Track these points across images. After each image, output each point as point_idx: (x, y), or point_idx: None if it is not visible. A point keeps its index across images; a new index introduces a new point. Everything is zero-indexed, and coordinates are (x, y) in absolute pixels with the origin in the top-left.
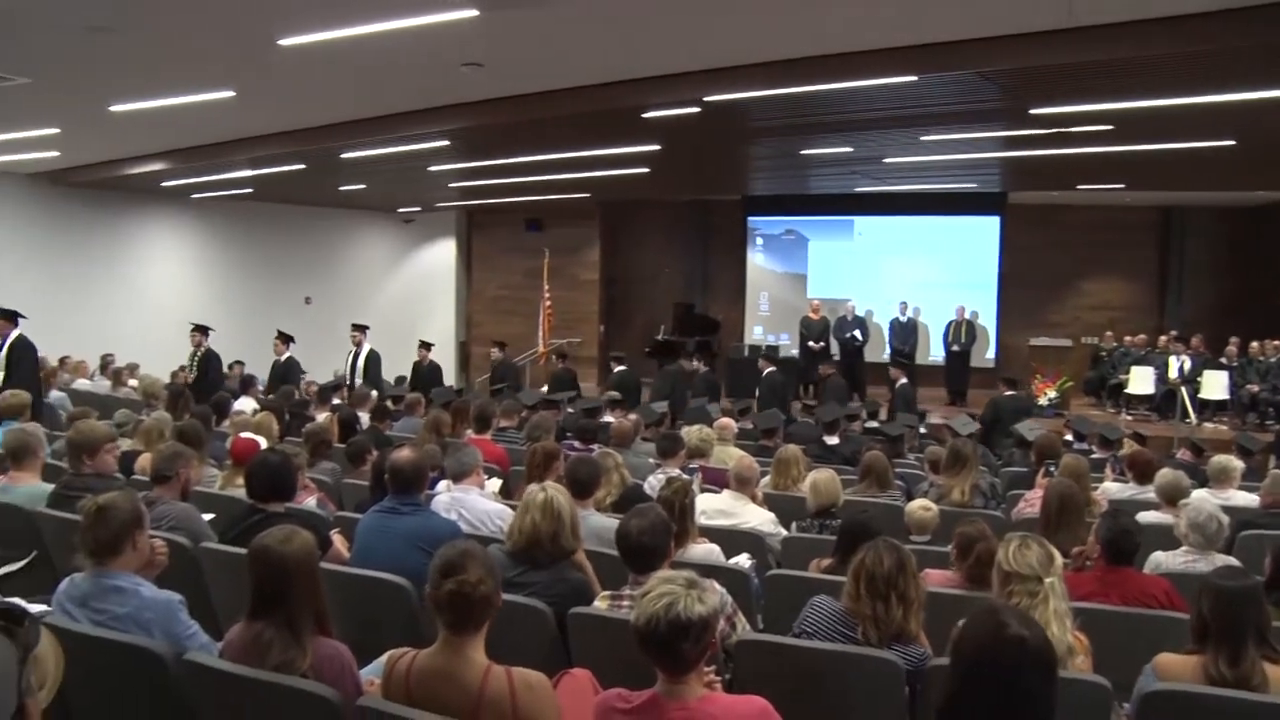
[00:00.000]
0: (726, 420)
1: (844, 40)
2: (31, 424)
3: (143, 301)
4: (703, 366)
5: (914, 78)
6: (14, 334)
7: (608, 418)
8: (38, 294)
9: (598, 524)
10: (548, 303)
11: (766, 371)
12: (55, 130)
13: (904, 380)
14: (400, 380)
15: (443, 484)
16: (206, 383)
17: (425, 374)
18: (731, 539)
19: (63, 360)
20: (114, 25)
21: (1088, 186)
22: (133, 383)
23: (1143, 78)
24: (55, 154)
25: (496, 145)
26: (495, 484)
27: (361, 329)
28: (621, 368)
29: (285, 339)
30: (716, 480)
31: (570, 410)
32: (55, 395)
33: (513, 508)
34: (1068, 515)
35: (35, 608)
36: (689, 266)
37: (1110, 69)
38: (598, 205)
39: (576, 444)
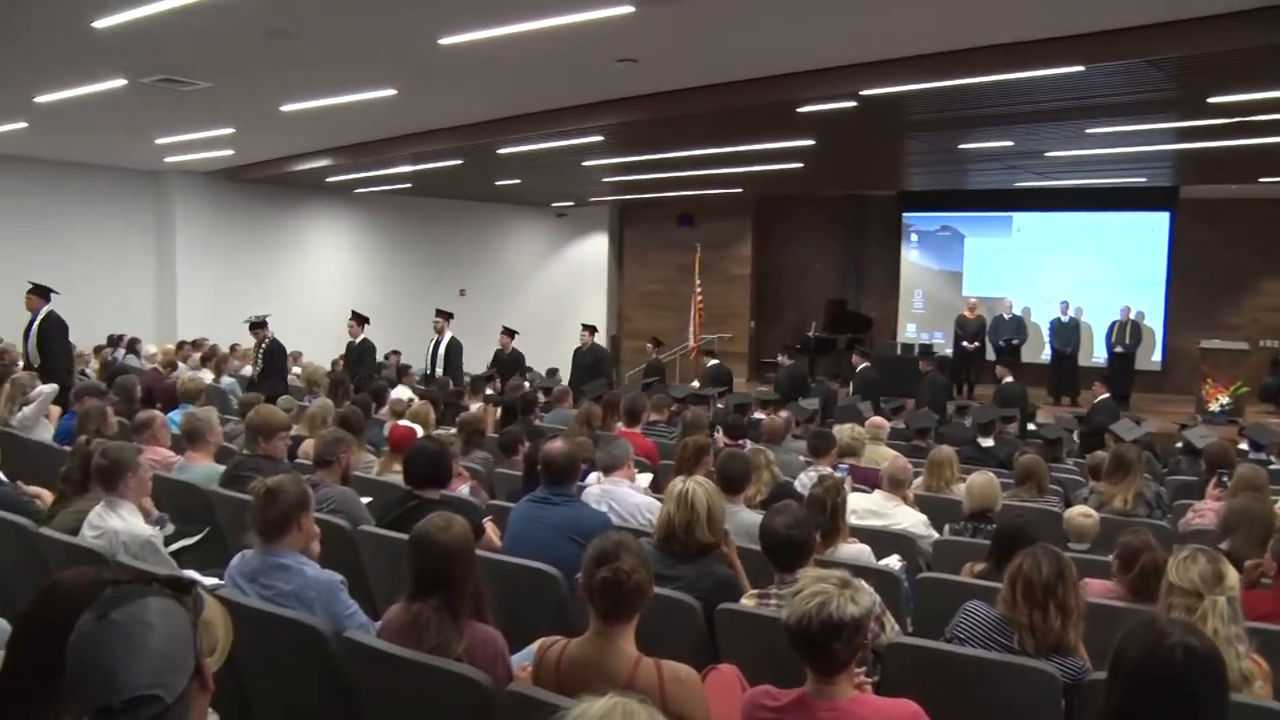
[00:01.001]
0: (879, 419)
1: (1006, 30)
2: (205, 408)
3: (307, 292)
4: (788, 360)
5: (1080, 68)
6: (45, 309)
7: (758, 414)
8: (214, 285)
9: (747, 520)
10: (699, 298)
11: (861, 367)
12: (231, 130)
13: (1009, 379)
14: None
15: (593, 476)
16: (271, 374)
17: (507, 362)
18: (882, 540)
19: (233, 348)
20: (290, 29)
21: (1272, 179)
22: (296, 370)
23: None
24: (230, 152)
25: (650, 140)
26: (645, 478)
27: (445, 316)
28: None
29: (360, 320)
30: (867, 480)
31: (720, 405)
32: (226, 381)
33: (662, 502)
34: (1247, 529)
35: (208, 580)
36: (842, 262)
37: None
38: (750, 200)
39: (724, 439)
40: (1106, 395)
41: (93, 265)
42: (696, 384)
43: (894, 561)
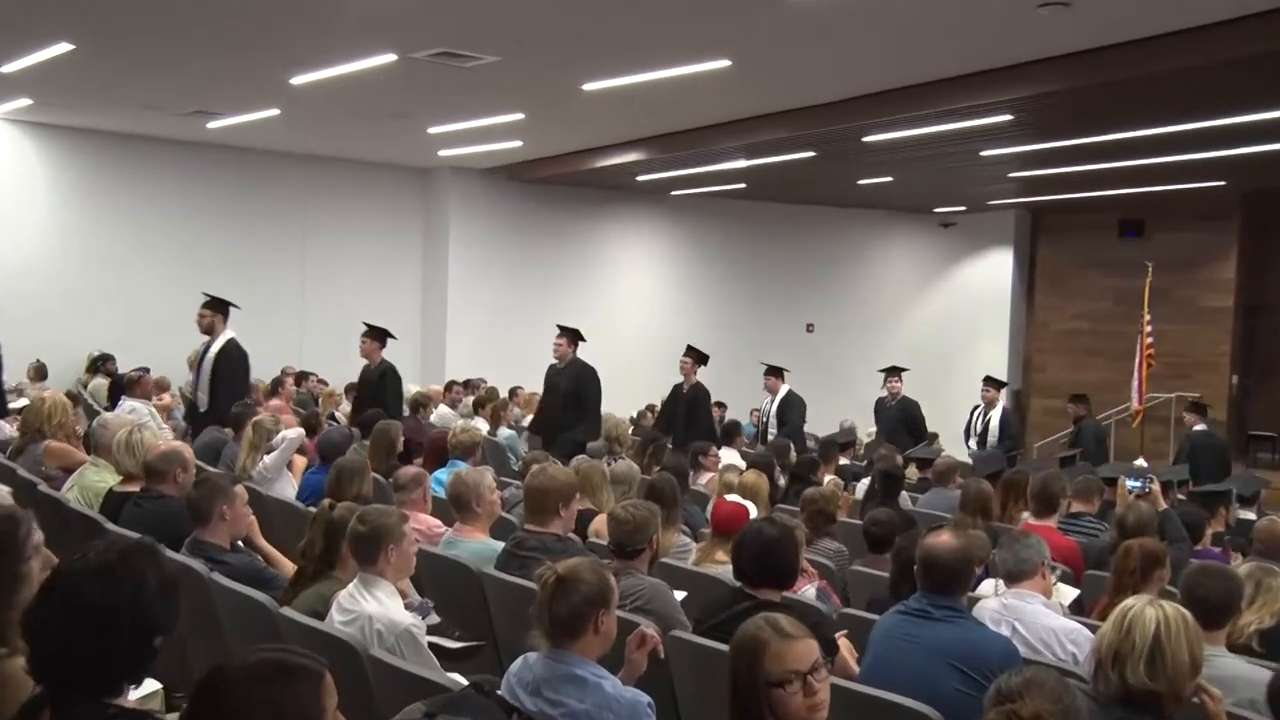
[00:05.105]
0: None
1: None
2: (477, 469)
3: (606, 320)
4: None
5: None
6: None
7: (1245, 513)
8: (491, 312)
9: (1234, 670)
10: (1149, 340)
11: (1197, 428)
12: (519, 116)
13: (1201, 427)
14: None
15: (988, 584)
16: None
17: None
18: None
19: (513, 392)
20: None
21: None
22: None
23: None
24: (517, 144)
25: (1081, 118)
26: (1070, 593)
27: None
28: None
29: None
30: None
31: (1181, 497)
32: (504, 434)
33: (1093, 627)
34: None
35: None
36: None
37: None
38: (1233, 197)
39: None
40: None
41: (348, 284)
42: (1142, 461)
43: None
